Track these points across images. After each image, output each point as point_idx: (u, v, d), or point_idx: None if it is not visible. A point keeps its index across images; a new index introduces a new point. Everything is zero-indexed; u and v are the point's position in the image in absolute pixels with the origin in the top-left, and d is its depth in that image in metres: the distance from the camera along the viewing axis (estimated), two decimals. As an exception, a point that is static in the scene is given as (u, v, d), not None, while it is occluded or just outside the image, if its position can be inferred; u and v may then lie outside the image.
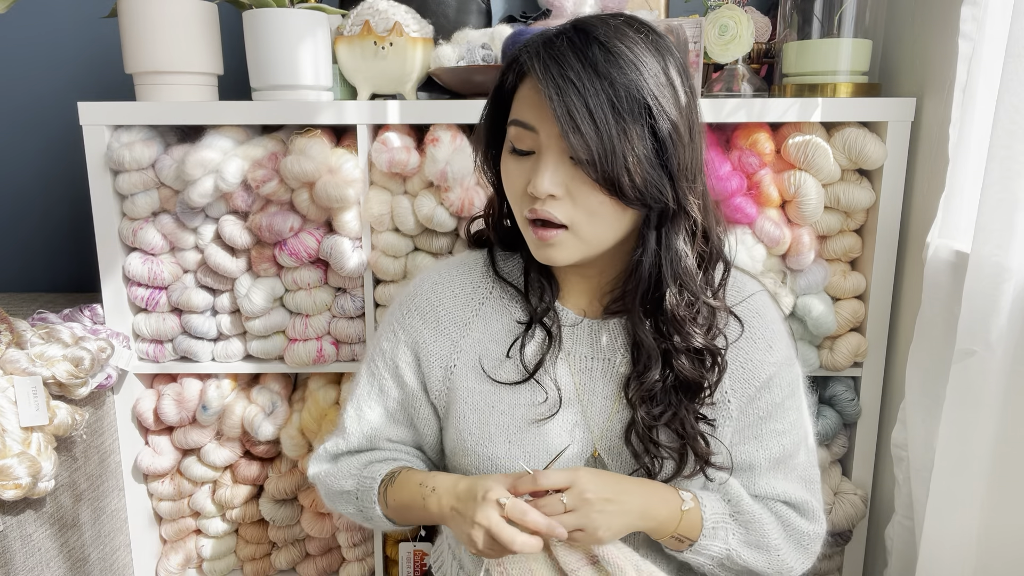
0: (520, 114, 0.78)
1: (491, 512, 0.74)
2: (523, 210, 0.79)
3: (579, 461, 0.87)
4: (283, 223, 1.21)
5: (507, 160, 0.81)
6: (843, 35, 1.23)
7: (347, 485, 0.91)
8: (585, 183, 0.75)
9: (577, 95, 0.72)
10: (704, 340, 0.82)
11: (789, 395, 0.89)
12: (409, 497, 0.85)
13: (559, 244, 0.79)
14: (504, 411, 0.87)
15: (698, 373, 0.83)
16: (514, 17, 1.51)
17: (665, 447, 0.84)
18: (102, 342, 1.20)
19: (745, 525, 0.84)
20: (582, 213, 0.77)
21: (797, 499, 0.88)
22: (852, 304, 1.27)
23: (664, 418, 0.83)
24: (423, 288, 0.92)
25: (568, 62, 0.73)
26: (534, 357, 0.87)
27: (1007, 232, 0.83)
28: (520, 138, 0.78)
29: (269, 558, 1.47)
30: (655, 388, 0.83)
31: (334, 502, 0.94)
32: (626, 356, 0.87)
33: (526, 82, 0.78)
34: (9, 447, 1.03)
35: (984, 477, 0.89)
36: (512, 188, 0.81)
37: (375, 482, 0.88)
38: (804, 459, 0.90)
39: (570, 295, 0.90)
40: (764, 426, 0.88)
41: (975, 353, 0.87)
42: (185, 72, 1.24)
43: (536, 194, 0.76)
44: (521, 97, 0.78)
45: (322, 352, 1.30)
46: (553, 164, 0.76)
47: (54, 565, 1.16)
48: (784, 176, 1.21)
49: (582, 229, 0.78)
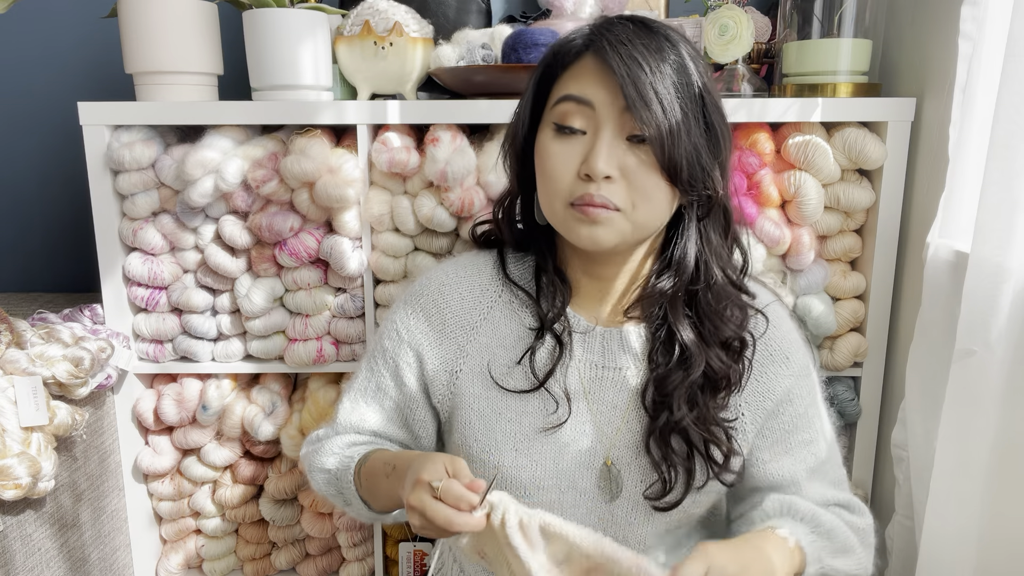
0: (575, 89, 0.76)
1: (423, 495, 0.70)
2: (569, 194, 0.77)
3: (590, 471, 0.85)
4: (283, 223, 1.21)
5: (549, 142, 0.78)
6: (843, 35, 1.23)
7: (329, 463, 0.88)
8: (642, 165, 0.75)
9: (644, 73, 0.73)
10: (737, 329, 0.83)
11: (811, 404, 0.89)
12: (374, 474, 0.82)
13: (607, 223, 0.76)
14: (511, 419, 0.85)
15: (727, 365, 0.82)
16: (514, 17, 1.51)
17: (677, 455, 0.83)
18: (102, 342, 1.20)
19: (827, 536, 0.84)
20: (639, 195, 0.76)
21: (843, 499, 0.89)
22: (852, 304, 1.27)
23: (688, 420, 0.82)
24: (429, 288, 0.90)
25: (633, 42, 0.74)
26: (544, 366, 0.85)
27: (1007, 232, 0.83)
28: (570, 115, 0.76)
29: (269, 558, 1.47)
30: (691, 388, 0.82)
31: (317, 483, 0.91)
32: (640, 365, 0.86)
33: (582, 60, 0.77)
34: (9, 447, 1.03)
35: (984, 477, 0.89)
36: (556, 170, 0.77)
37: (353, 461, 0.86)
38: (832, 461, 0.91)
39: (583, 301, 0.88)
40: (792, 439, 0.87)
41: (975, 353, 0.87)
42: (185, 72, 1.24)
43: (593, 174, 0.74)
44: (575, 74, 0.77)
45: (322, 352, 1.30)
46: (609, 143, 0.74)
47: (54, 565, 1.16)
48: (784, 176, 1.21)
49: (633, 212, 0.77)
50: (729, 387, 0.83)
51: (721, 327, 0.83)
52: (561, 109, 0.77)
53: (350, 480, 0.85)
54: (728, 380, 0.83)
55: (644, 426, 0.85)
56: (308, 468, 0.93)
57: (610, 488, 0.86)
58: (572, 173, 0.77)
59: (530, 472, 0.85)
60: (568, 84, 0.77)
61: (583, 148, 0.76)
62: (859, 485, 1.32)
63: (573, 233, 0.79)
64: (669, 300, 0.83)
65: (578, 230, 0.78)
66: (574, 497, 0.86)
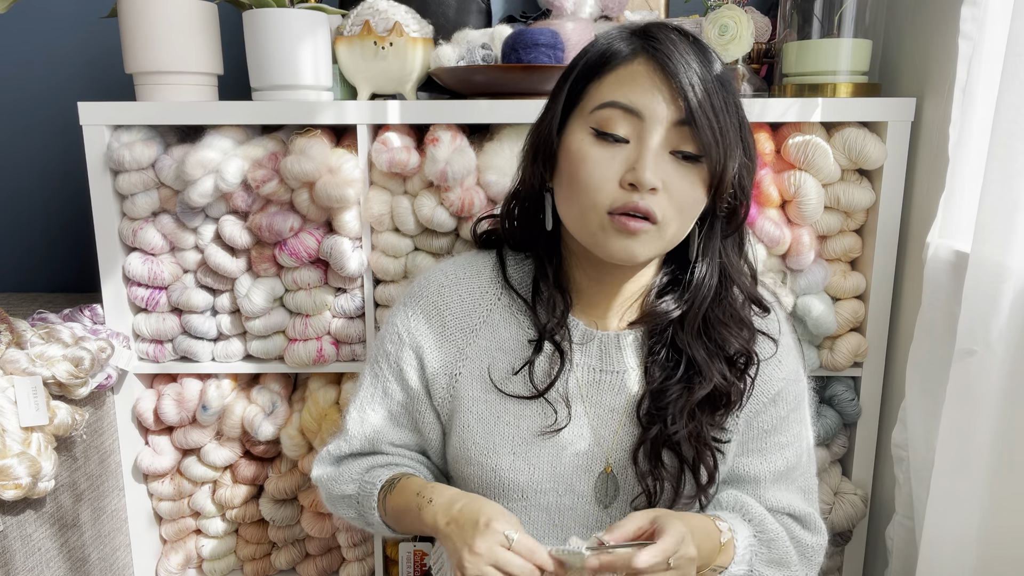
0: (623, 96, 0.73)
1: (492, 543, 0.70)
2: (610, 203, 0.74)
3: (588, 474, 0.85)
4: (283, 223, 1.21)
5: (588, 147, 0.75)
6: (843, 35, 1.23)
7: (348, 489, 0.89)
8: (685, 179, 0.74)
9: (700, 83, 0.72)
10: (744, 344, 0.82)
11: (794, 408, 0.88)
12: (405, 505, 0.82)
13: (644, 238, 0.75)
14: (510, 422, 0.85)
15: (730, 383, 0.81)
16: (514, 17, 1.51)
17: (667, 469, 0.83)
18: (102, 342, 1.20)
19: (768, 544, 0.84)
20: (675, 210, 0.74)
21: (800, 511, 0.88)
22: (852, 304, 1.27)
23: (682, 434, 0.81)
24: (429, 290, 0.90)
25: (689, 55, 0.73)
26: (544, 375, 0.85)
27: (1007, 232, 0.83)
28: (613, 122, 0.74)
29: (269, 558, 1.47)
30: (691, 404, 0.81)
31: (335, 506, 0.92)
32: (637, 371, 0.85)
33: (631, 65, 0.74)
34: (9, 447, 1.03)
35: (984, 477, 0.89)
36: (595, 177, 0.74)
37: (375, 488, 0.86)
38: (805, 469, 0.90)
39: (585, 307, 0.87)
40: (768, 439, 0.87)
41: (975, 353, 0.87)
42: (185, 72, 1.24)
43: (640, 185, 0.72)
44: (622, 79, 0.74)
45: (322, 352, 1.30)
46: (655, 154, 0.73)
47: (54, 565, 1.16)
48: (784, 176, 1.21)
49: (668, 226, 0.75)
50: (729, 405, 0.82)
51: (729, 341, 0.82)
52: (603, 115, 0.74)
53: (373, 507, 0.86)
54: (728, 398, 0.82)
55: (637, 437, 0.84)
56: (326, 495, 0.93)
57: (607, 492, 0.86)
58: (613, 181, 0.74)
59: (528, 475, 0.84)
60: (613, 89, 0.74)
61: (626, 156, 0.74)
62: (859, 485, 1.32)
63: (607, 245, 0.76)
64: (680, 318, 0.82)
65: (614, 242, 0.75)
66: (572, 500, 0.86)
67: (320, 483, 0.94)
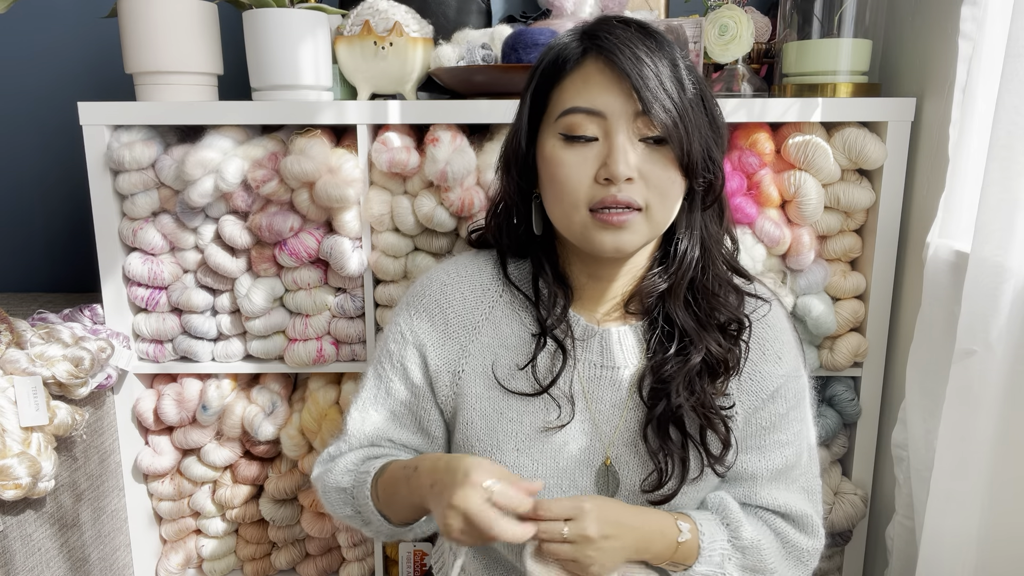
0: (582, 100, 0.76)
1: (471, 493, 0.69)
2: (589, 199, 0.76)
3: (588, 468, 0.86)
4: (283, 223, 1.21)
5: (559, 152, 0.77)
6: (843, 35, 1.23)
7: (344, 481, 0.88)
8: (657, 163, 0.76)
9: (651, 70, 0.74)
10: (734, 312, 0.84)
11: (794, 406, 0.88)
12: (394, 482, 0.81)
13: (632, 227, 0.77)
14: (513, 419, 0.86)
15: (725, 349, 0.83)
16: (514, 17, 1.51)
17: (675, 444, 0.84)
18: (102, 342, 1.20)
19: (742, 550, 0.84)
20: (655, 194, 0.77)
21: (797, 512, 0.88)
22: (852, 304, 1.27)
23: (687, 406, 0.82)
24: (431, 289, 0.90)
25: (631, 41, 0.75)
26: (547, 371, 0.86)
27: (1007, 232, 0.83)
28: (579, 126, 0.76)
29: (269, 558, 1.47)
30: (690, 373, 0.82)
31: (333, 504, 0.91)
32: (637, 361, 0.86)
33: (583, 67, 0.76)
34: (9, 447, 1.03)
35: (984, 477, 0.89)
36: (571, 178, 0.77)
37: (369, 476, 0.85)
38: (806, 469, 0.90)
39: (585, 302, 0.88)
40: (768, 437, 0.87)
41: (975, 353, 0.87)
42: (185, 72, 1.24)
43: (615, 179, 0.74)
44: (576, 83, 0.76)
45: (322, 352, 1.30)
46: (624, 146, 0.74)
47: (54, 565, 1.16)
48: (784, 176, 1.21)
49: (654, 211, 0.77)
50: (727, 371, 0.84)
51: (718, 310, 0.84)
52: (568, 120, 0.76)
53: (367, 496, 0.84)
54: (726, 364, 0.83)
55: (642, 418, 0.85)
56: (323, 490, 0.92)
57: (608, 485, 0.86)
58: (589, 179, 0.76)
59: (531, 471, 0.85)
60: (571, 95, 0.77)
61: (598, 153, 0.76)
62: (859, 485, 1.32)
63: (595, 241, 0.78)
64: (667, 290, 0.84)
65: (601, 238, 0.77)
66: (574, 494, 0.86)
67: (318, 482, 0.93)
